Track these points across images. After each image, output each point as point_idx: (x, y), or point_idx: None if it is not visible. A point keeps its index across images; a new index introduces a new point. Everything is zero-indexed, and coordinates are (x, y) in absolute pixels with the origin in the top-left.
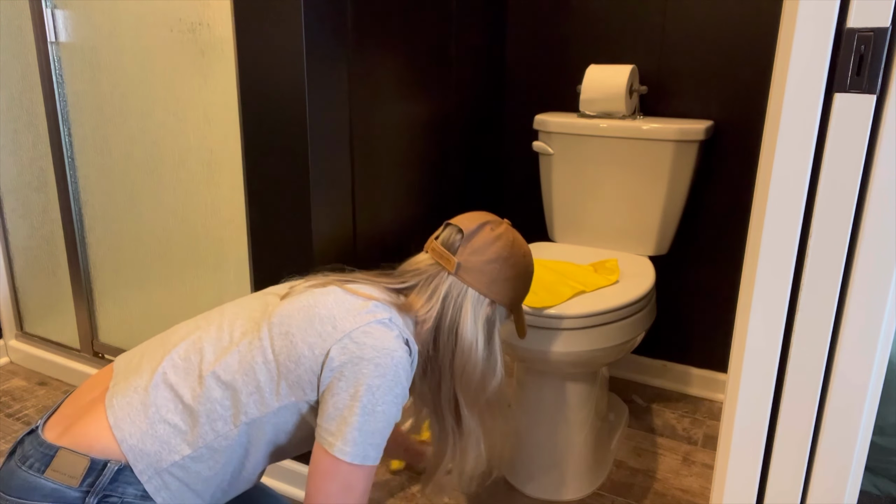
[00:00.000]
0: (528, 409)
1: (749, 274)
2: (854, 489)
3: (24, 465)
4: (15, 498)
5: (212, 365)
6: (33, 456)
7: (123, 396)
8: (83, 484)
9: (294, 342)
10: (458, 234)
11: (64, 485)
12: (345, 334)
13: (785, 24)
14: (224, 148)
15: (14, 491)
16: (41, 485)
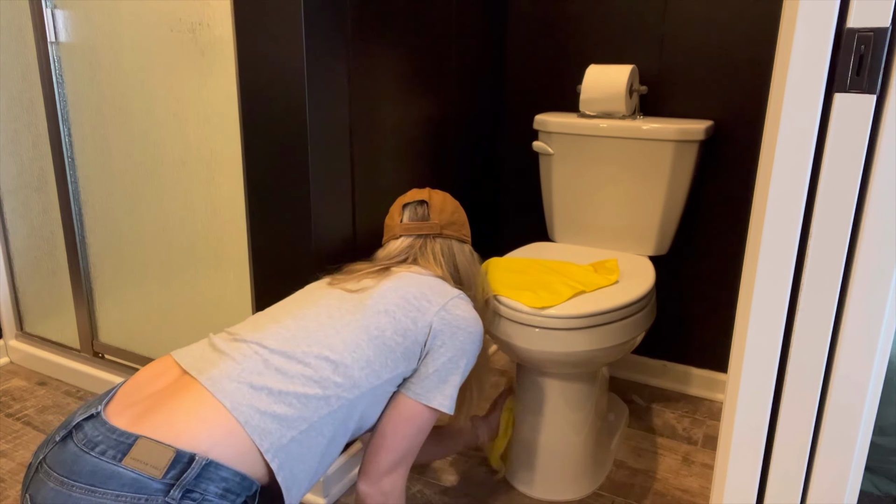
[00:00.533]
0: (528, 409)
1: (749, 274)
2: (854, 489)
3: (94, 451)
4: (85, 485)
5: (318, 346)
6: (104, 443)
7: (230, 382)
8: (167, 476)
9: (397, 318)
10: (422, 206)
11: (146, 475)
12: (440, 307)
13: (785, 24)
14: (224, 148)
15: (84, 477)
16: (119, 474)
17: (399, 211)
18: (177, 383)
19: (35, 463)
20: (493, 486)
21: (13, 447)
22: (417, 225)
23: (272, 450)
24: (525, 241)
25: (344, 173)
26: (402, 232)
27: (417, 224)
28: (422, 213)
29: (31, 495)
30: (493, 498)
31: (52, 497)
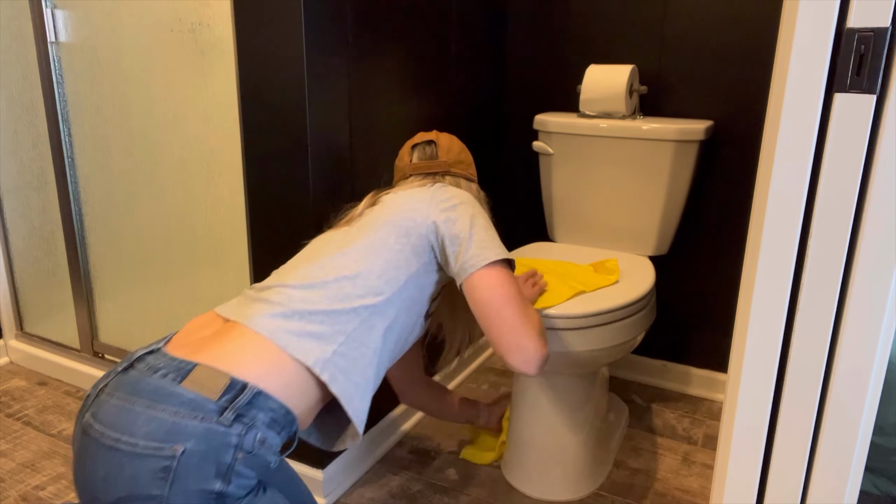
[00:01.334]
0: (528, 409)
1: (749, 274)
2: (854, 489)
3: (156, 374)
4: (147, 400)
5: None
6: (165, 368)
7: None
8: (222, 399)
9: (395, 223)
10: (430, 145)
11: (203, 396)
12: (430, 198)
13: (785, 24)
14: (224, 148)
15: (146, 395)
16: (179, 392)
17: (408, 152)
18: (223, 328)
19: (94, 392)
20: (493, 486)
21: (13, 447)
22: (426, 164)
23: (319, 364)
24: (525, 241)
25: (344, 173)
26: (411, 171)
27: (426, 163)
28: (430, 153)
29: (93, 413)
30: (493, 498)
31: (115, 412)
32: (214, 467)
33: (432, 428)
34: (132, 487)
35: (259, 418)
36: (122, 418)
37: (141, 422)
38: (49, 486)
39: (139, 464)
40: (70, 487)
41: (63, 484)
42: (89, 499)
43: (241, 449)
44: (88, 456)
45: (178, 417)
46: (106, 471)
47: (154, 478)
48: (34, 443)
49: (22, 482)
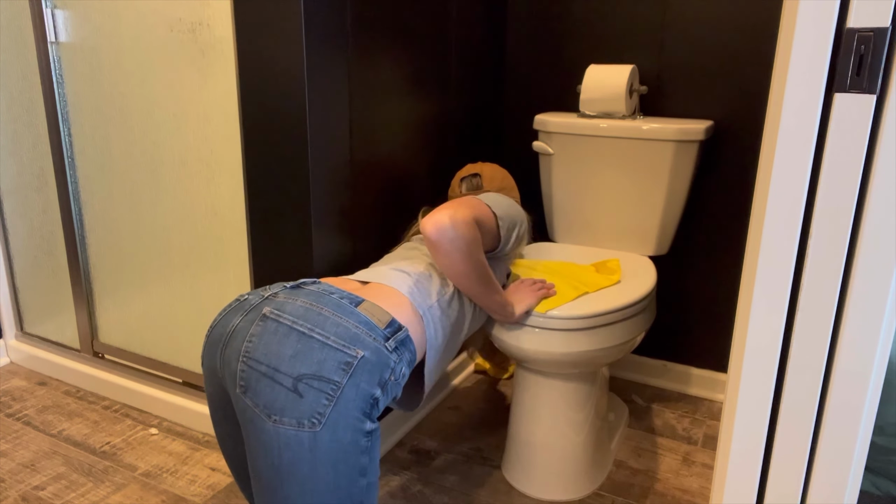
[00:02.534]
0: (528, 409)
1: (749, 274)
2: (854, 489)
3: (333, 295)
4: (332, 309)
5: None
6: (339, 293)
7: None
8: (387, 329)
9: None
10: (475, 177)
11: (373, 322)
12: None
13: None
14: (224, 148)
15: (331, 305)
16: (357, 313)
17: (458, 184)
18: (369, 287)
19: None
20: (493, 486)
21: (13, 447)
22: (473, 194)
23: (423, 307)
24: None
25: (344, 173)
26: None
27: (473, 193)
28: (476, 183)
29: (278, 307)
30: (493, 498)
31: (305, 311)
32: (378, 377)
33: (432, 428)
34: (318, 368)
35: (405, 356)
36: (313, 317)
37: (330, 324)
38: (49, 486)
39: (329, 353)
40: (70, 488)
41: (63, 484)
42: (268, 371)
43: (394, 373)
44: (276, 336)
45: (359, 331)
46: (296, 350)
47: (338, 367)
48: (34, 443)
49: (22, 482)
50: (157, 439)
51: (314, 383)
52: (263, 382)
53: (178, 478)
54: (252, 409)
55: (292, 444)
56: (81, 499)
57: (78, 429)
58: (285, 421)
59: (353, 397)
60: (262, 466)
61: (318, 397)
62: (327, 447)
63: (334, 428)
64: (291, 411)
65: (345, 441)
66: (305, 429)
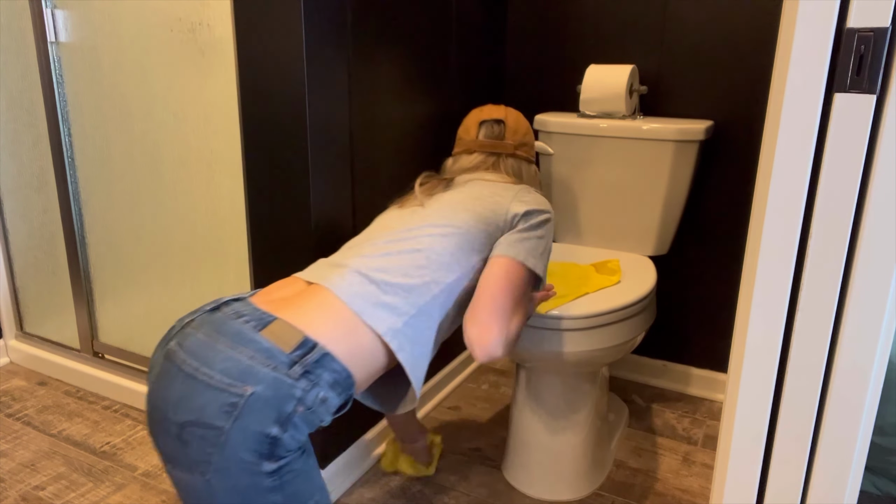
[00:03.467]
0: (529, 410)
1: (749, 274)
2: (854, 489)
3: (240, 319)
4: (229, 341)
5: (409, 244)
6: (248, 315)
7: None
8: (294, 353)
9: (476, 211)
10: (499, 124)
11: (277, 347)
12: (513, 196)
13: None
14: (224, 148)
15: (229, 336)
16: (257, 339)
17: (475, 126)
18: (306, 290)
19: (179, 325)
20: (493, 486)
21: (13, 447)
22: (492, 143)
23: (389, 333)
24: None
25: (344, 173)
26: (476, 148)
27: (492, 142)
28: (498, 132)
29: (179, 342)
30: (493, 498)
31: (199, 345)
32: (275, 413)
33: (432, 428)
34: (200, 414)
35: (324, 378)
36: (204, 351)
37: (220, 358)
38: (49, 486)
39: (211, 395)
40: (70, 488)
41: (63, 484)
42: (160, 417)
43: (302, 403)
44: (168, 378)
45: (253, 361)
46: (180, 394)
47: (221, 410)
48: (34, 443)
49: (22, 482)
50: None
51: (197, 430)
52: (157, 429)
53: None
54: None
55: (190, 489)
56: (81, 499)
57: (78, 429)
58: (177, 468)
59: (242, 440)
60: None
61: (201, 445)
62: (224, 492)
63: (225, 474)
64: (181, 459)
65: (242, 485)
66: (197, 475)
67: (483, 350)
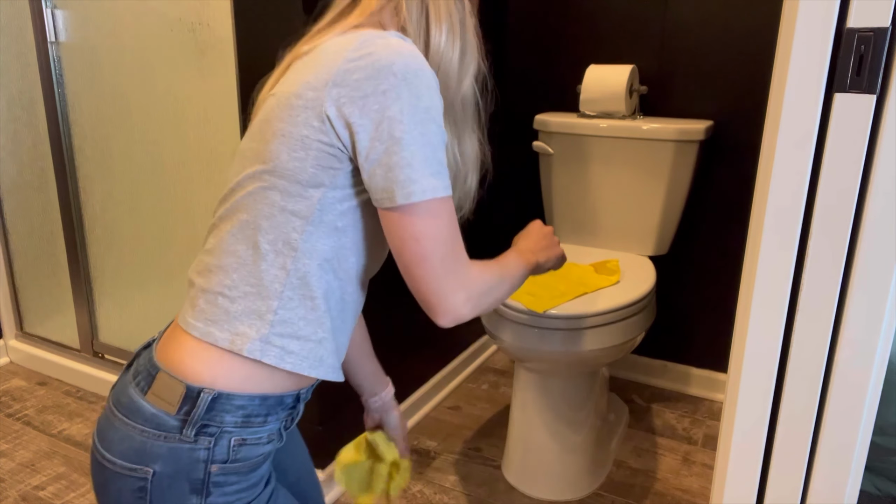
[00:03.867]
0: (528, 409)
1: (749, 274)
2: (854, 489)
3: (135, 380)
4: (123, 414)
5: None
6: (142, 373)
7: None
8: (180, 412)
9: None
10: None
11: (163, 411)
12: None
13: (785, 24)
14: (224, 148)
15: (123, 409)
16: (143, 408)
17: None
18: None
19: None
20: (493, 486)
21: (13, 447)
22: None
23: (257, 350)
24: None
25: None
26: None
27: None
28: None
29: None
30: (493, 498)
31: (105, 425)
32: (188, 485)
33: (432, 428)
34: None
35: (227, 421)
36: (108, 433)
37: (118, 439)
38: (49, 486)
39: (121, 483)
40: (70, 488)
41: (63, 484)
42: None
43: (213, 461)
44: (91, 464)
45: (145, 437)
46: (99, 483)
47: (135, 497)
48: (34, 443)
49: (22, 482)
50: None
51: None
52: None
53: None
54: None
55: None
56: (81, 499)
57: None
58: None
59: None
60: None
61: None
62: None
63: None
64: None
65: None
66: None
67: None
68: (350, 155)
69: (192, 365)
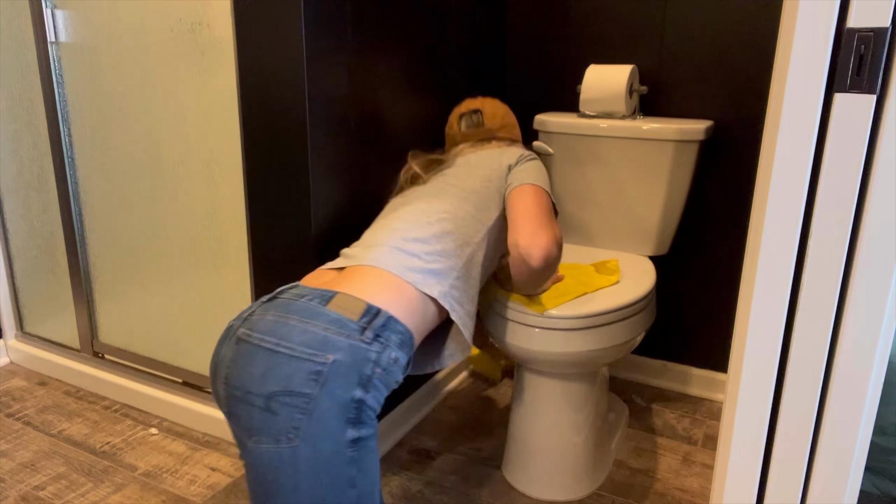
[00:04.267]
0: (528, 409)
1: (749, 274)
2: (854, 489)
3: (302, 298)
4: (299, 317)
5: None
6: (309, 295)
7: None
8: (362, 320)
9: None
10: (476, 114)
11: (345, 316)
12: (502, 153)
13: (785, 24)
14: (224, 148)
15: (297, 312)
16: (325, 313)
17: (457, 120)
18: (348, 271)
19: (240, 320)
20: (493, 486)
21: (13, 447)
22: (474, 132)
23: (441, 296)
24: None
25: (344, 173)
26: (461, 139)
27: (474, 131)
28: (476, 120)
29: (249, 327)
30: (493, 498)
31: (272, 324)
32: (357, 377)
33: (432, 428)
34: (287, 383)
35: (392, 339)
36: (280, 329)
37: (296, 333)
38: (49, 486)
39: (296, 365)
40: (70, 488)
41: (63, 484)
42: (243, 394)
43: (378, 364)
44: (246, 357)
45: (329, 332)
46: (264, 368)
47: (308, 378)
48: (34, 443)
49: (22, 482)
50: (157, 439)
51: (285, 399)
52: (240, 406)
53: (178, 478)
54: (237, 433)
55: (274, 462)
56: (81, 499)
57: (78, 429)
58: (263, 440)
59: (330, 406)
60: (252, 484)
61: (290, 413)
62: (308, 461)
63: (313, 441)
64: (268, 430)
65: (326, 453)
66: (283, 445)
67: (540, 249)
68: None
69: (376, 291)
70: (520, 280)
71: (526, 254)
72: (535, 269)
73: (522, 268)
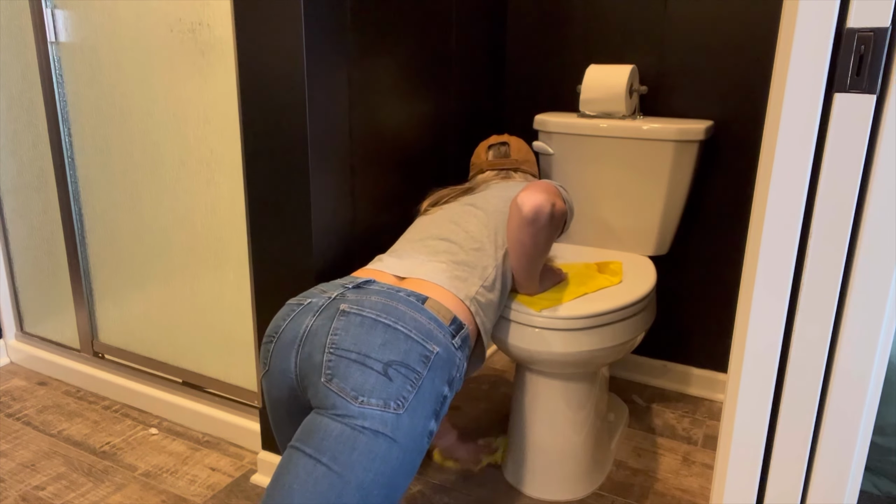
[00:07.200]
0: (528, 409)
1: (749, 274)
2: (854, 489)
3: (401, 293)
4: (405, 305)
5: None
6: (403, 292)
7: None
8: (451, 326)
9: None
10: (504, 146)
11: (440, 319)
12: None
13: (785, 24)
14: (224, 148)
15: (403, 301)
16: (425, 310)
17: (484, 151)
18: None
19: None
20: (493, 486)
21: (13, 447)
22: (500, 161)
23: (468, 300)
24: None
25: (344, 173)
26: (487, 167)
27: (501, 161)
28: (504, 151)
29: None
30: (493, 498)
31: (382, 306)
32: (447, 374)
33: None
34: (405, 357)
35: (466, 352)
36: (393, 311)
37: (409, 318)
38: (49, 486)
39: (412, 345)
40: (70, 488)
41: (63, 484)
42: (363, 356)
43: (458, 370)
44: (363, 328)
45: (431, 327)
46: (383, 340)
47: (420, 358)
48: (34, 443)
49: (22, 482)
50: (157, 439)
51: (401, 369)
52: (353, 368)
53: (178, 478)
54: (336, 395)
55: (376, 426)
56: (81, 499)
57: (78, 429)
58: (373, 402)
59: (429, 390)
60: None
61: (404, 383)
62: (405, 433)
63: (413, 414)
64: (380, 392)
65: (416, 432)
66: (390, 410)
67: (533, 200)
68: None
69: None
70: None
71: (520, 202)
72: (525, 219)
73: (515, 219)
